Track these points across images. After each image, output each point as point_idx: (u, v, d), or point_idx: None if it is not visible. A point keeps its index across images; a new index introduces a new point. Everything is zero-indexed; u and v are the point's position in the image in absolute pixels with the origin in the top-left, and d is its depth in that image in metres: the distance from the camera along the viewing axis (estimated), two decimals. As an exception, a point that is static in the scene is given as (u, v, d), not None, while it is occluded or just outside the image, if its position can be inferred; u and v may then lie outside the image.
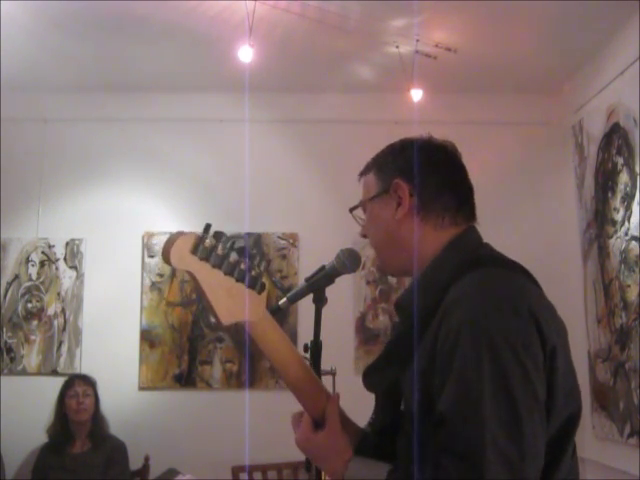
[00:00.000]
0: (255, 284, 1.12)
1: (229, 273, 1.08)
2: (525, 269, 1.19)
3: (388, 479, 1.09)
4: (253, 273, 1.12)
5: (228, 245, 1.08)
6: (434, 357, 1.07)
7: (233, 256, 1.09)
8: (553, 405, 1.06)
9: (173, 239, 1.03)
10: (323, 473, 1.31)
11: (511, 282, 1.12)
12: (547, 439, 1.05)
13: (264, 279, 1.15)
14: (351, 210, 1.35)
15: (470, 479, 0.97)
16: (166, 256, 1.02)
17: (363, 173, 1.34)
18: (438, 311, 1.10)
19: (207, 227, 1.05)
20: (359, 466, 1.16)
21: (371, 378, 1.22)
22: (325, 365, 1.42)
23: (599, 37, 3.61)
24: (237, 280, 1.10)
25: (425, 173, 1.24)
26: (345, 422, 1.24)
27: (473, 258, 1.18)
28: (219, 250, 1.06)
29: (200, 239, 1.04)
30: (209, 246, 1.05)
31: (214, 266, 1.06)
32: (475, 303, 1.06)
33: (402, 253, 1.25)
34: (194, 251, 1.04)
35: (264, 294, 1.14)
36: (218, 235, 1.06)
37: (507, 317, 1.04)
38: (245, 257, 1.11)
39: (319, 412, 1.21)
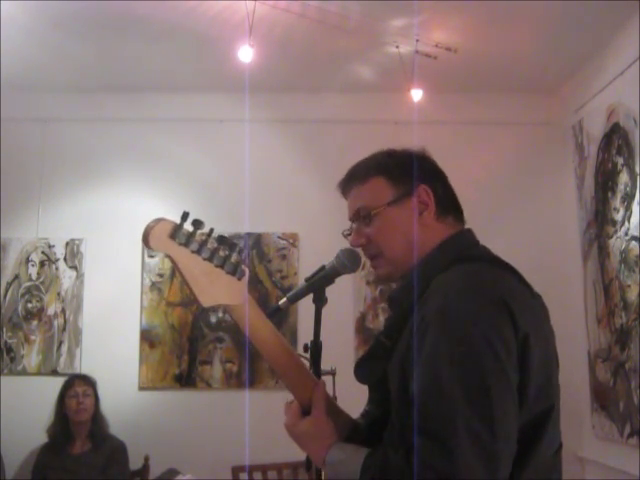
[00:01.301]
0: (235, 270, 1.15)
1: (208, 259, 1.11)
2: (514, 269, 1.21)
3: (365, 462, 1.12)
4: (233, 260, 1.14)
5: (207, 232, 1.10)
6: (411, 345, 1.10)
7: (212, 243, 1.12)
8: (525, 392, 1.08)
9: (153, 224, 1.06)
10: (323, 473, 1.31)
11: (488, 274, 1.16)
12: (519, 425, 1.06)
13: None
14: (364, 215, 1.29)
15: (442, 459, 0.99)
16: (146, 239, 1.05)
17: (359, 181, 1.31)
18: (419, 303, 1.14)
19: (185, 215, 1.08)
20: (339, 450, 1.19)
21: (362, 370, 1.25)
22: (325, 365, 1.42)
23: (599, 37, 3.61)
24: (216, 266, 1.12)
25: (440, 179, 1.32)
26: (335, 412, 1.26)
27: (462, 256, 1.22)
28: (198, 237, 1.09)
29: (179, 225, 1.07)
30: (188, 233, 1.08)
31: (193, 252, 1.09)
32: (449, 292, 1.11)
33: (414, 253, 1.27)
34: (173, 236, 1.07)
35: (244, 279, 1.17)
36: (197, 223, 1.08)
37: (478, 304, 1.08)
38: (225, 244, 1.13)
39: (307, 399, 1.24)
